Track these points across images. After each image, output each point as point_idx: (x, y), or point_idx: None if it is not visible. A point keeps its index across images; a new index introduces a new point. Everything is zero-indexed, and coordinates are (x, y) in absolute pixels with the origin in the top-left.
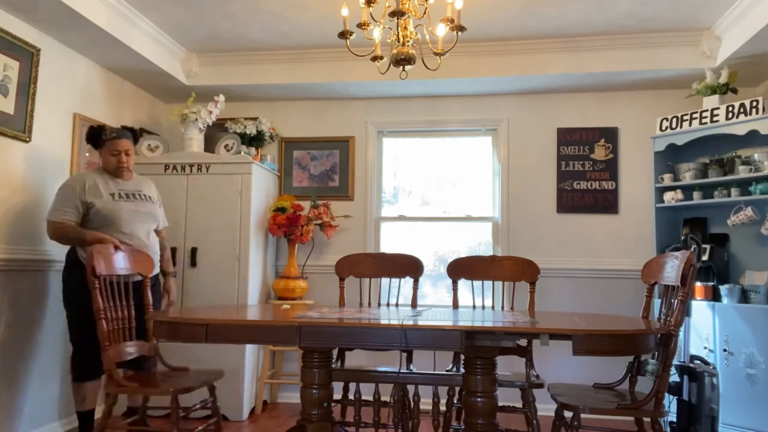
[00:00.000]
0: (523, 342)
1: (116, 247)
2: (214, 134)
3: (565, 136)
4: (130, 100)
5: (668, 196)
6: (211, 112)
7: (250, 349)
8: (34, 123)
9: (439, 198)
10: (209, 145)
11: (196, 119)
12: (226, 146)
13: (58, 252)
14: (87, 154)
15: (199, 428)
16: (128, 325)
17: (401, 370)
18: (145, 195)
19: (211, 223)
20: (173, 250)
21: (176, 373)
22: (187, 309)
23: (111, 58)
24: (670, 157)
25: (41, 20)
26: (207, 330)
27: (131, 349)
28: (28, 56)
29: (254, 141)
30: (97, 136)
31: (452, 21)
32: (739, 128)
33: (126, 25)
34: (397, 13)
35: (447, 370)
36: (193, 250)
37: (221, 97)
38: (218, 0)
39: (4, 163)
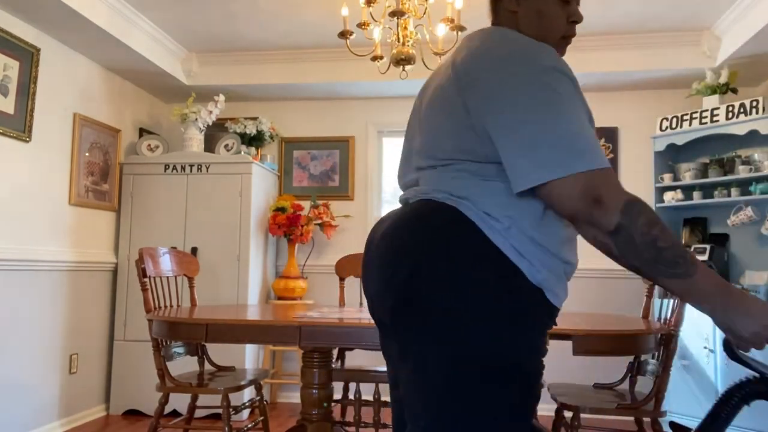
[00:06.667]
0: None
1: None
2: (214, 134)
3: None
4: (130, 100)
5: (668, 196)
6: (211, 112)
7: (250, 348)
8: (34, 123)
9: None
10: (209, 145)
11: (196, 119)
12: (226, 146)
13: (56, 252)
14: (87, 154)
15: (248, 425)
16: None
17: None
18: None
19: (211, 223)
20: (173, 249)
21: (223, 372)
22: (187, 309)
23: (111, 58)
24: (670, 157)
25: (41, 20)
26: (207, 330)
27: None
28: (28, 56)
29: (254, 141)
30: None
31: (452, 21)
32: (739, 128)
33: (126, 25)
34: (397, 13)
35: None
36: (193, 250)
37: (221, 97)
38: (218, 0)
39: (4, 163)
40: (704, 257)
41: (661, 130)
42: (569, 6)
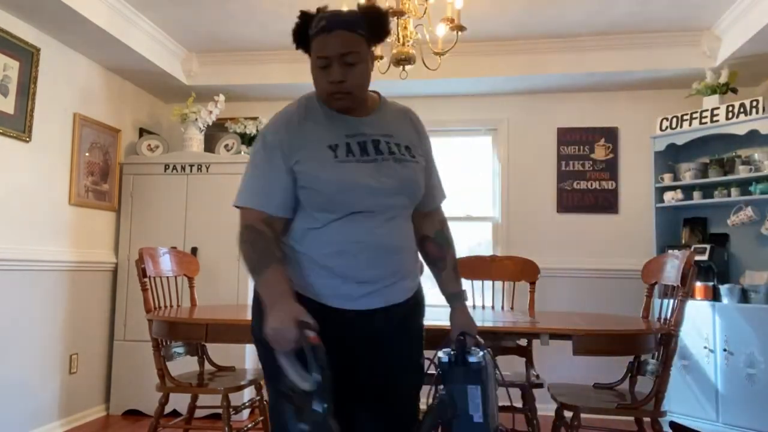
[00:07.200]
0: (523, 342)
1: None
2: (214, 134)
3: (565, 136)
4: (130, 100)
5: (668, 196)
6: (211, 112)
7: (250, 348)
8: (34, 123)
9: None
10: (209, 145)
11: (196, 119)
12: (226, 146)
13: (56, 252)
14: (87, 154)
15: (248, 425)
16: None
17: None
18: (401, 146)
19: (211, 223)
20: (173, 249)
21: (223, 372)
22: (187, 309)
23: (111, 58)
24: (670, 157)
25: (41, 20)
26: (207, 330)
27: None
28: (28, 56)
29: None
30: (304, 28)
31: (452, 21)
32: (739, 128)
33: (126, 25)
34: (397, 13)
35: None
36: (194, 250)
37: (221, 97)
38: (218, 0)
39: (4, 163)
40: (704, 257)
41: (661, 130)
42: (330, 69)
